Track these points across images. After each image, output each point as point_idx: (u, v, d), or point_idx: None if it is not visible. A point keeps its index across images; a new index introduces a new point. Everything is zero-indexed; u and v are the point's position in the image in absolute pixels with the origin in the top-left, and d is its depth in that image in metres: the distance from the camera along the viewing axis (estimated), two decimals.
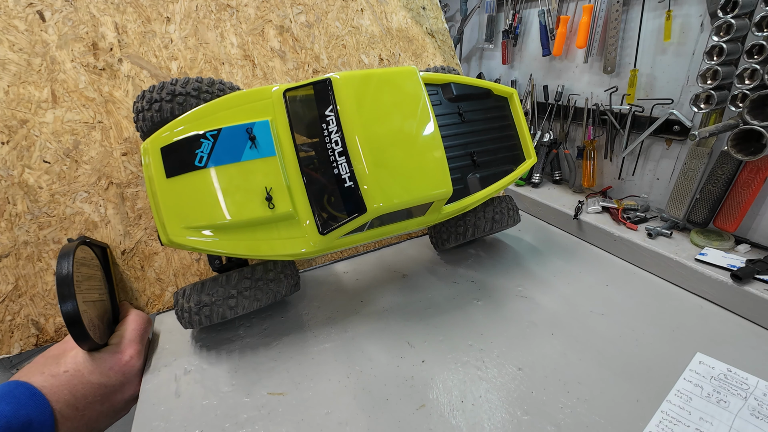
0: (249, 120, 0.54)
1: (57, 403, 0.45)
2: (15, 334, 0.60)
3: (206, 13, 0.74)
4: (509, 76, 1.24)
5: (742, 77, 0.67)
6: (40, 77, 0.63)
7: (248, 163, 0.53)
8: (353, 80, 0.52)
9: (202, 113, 0.54)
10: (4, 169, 0.61)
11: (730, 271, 0.65)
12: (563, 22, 0.98)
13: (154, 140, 0.53)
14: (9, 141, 0.61)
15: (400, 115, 0.54)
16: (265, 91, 0.55)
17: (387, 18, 0.92)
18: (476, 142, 0.70)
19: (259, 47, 0.78)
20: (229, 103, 0.55)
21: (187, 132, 0.53)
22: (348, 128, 0.51)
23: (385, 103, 0.53)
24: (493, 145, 0.71)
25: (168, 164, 0.52)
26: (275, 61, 0.79)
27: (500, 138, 0.72)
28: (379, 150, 0.51)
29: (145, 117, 0.56)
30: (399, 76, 0.55)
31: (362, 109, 0.51)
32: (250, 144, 0.53)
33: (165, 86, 0.56)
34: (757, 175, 0.69)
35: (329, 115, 0.52)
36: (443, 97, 0.68)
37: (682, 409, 0.47)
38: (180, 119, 0.54)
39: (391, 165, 0.52)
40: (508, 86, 0.74)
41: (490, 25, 1.25)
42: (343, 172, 0.51)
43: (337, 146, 0.51)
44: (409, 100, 0.55)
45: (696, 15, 0.75)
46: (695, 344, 0.57)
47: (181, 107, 0.56)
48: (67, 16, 0.65)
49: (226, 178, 0.52)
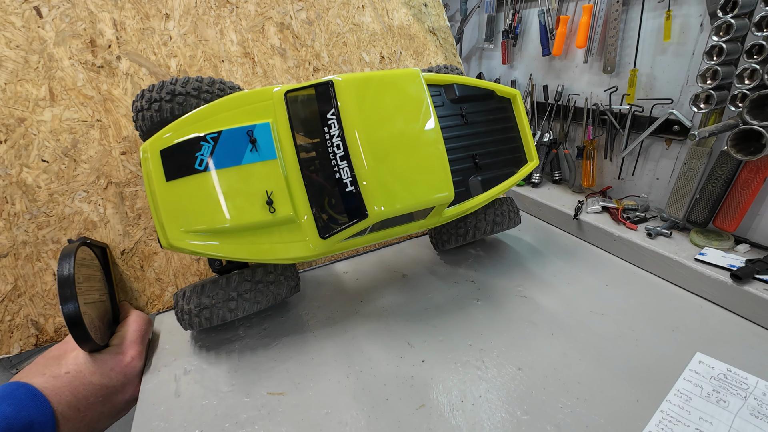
0: (250, 122, 0.53)
1: (58, 404, 0.45)
2: (15, 334, 0.60)
3: (206, 9, 0.73)
4: (509, 76, 1.24)
5: (742, 77, 0.67)
6: (38, 75, 0.62)
7: (249, 167, 0.52)
8: (355, 82, 0.51)
9: (201, 115, 0.53)
10: (2, 168, 0.60)
11: (729, 271, 0.65)
12: (563, 22, 0.98)
13: (153, 143, 0.52)
14: (7, 140, 0.61)
15: (403, 118, 0.53)
16: (266, 92, 0.54)
17: (388, 15, 0.91)
18: (478, 144, 0.69)
19: (259, 45, 0.77)
20: (229, 104, 0.54)
21: (186, 134, 0.52)
22: (349, 131, 0.50)
23: (388, 105, 0.53)
24: (495, 147, 0.71)
25: (168, 167, 0.51)
26: (275, 59, 0.78)
27: (502, 140, 0.72)
28: (381, 153, 0.51)
29: (144, 116, 0.56)
30: (402, 79, 0.54)
31: (364, 112, 0.51)
32: (250, 147, 0.52)
33: (165, 86, 0.56)
34: (757, 175, 0.70)
35: (331, 118, 0.51)
36: (446, 98, 0.67)
37: (682, 409, 0.47)
38: (179, 121, 0.53)
39: (393, 169, 0.52)
40: (510, 87, 0.74)
41: (490, 25, 1.25)
42: (345, 177, 0.51)
43: (339, 150, 0.51)
44: (412, 102, 0.54)
45: (696, 15, 0.75)
46: (695, 344, 0.57)
47: (181, 107, 0.55)
48: (64, 12, 0.64)
49: (227, 182, 0.52)
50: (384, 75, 0.54)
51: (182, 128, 0.53)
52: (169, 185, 0.51)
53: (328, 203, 0.53)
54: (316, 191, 0.54)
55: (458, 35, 1.39)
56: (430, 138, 0.55)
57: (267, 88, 0.55)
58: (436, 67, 0.76)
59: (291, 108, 0.54)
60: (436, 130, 0.55)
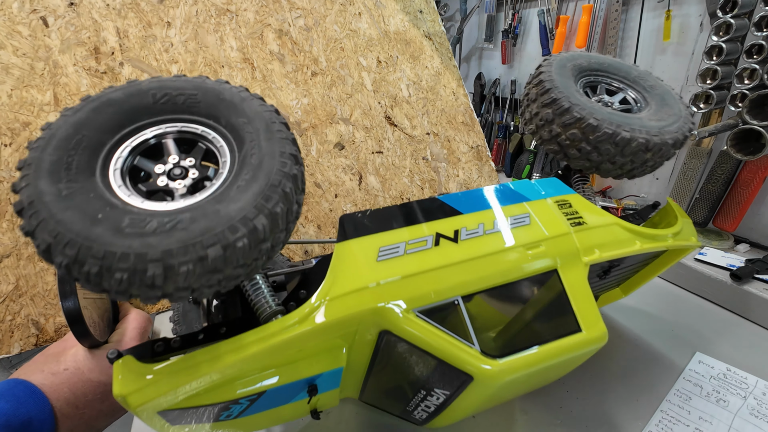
0: (311, 371, 0.35)
1: (57, 401, 0.44)
2: (15, 333, 0.60)
3: (206, 17, 0.75)
4: (509, 76, 1.24)
5: (742, 77, 0.67)
6: (43, 81, 0.63)
7: (296, 403, 0.38)
8: (510, 377, 0.33)
9: (230, 376, 0.32)
10: (6, 171, 0.60)
11: (729, 271, 0.65)
12: (563, 22, 0.98)
13: (141, 401, 0.29)
14: (12, 143, 0.61)
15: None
16: (353, 318, 0.33)
17: (384, 21, 0.93)
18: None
19: (258, 50, 0.78)
20: (283, 351, 0.33)
21: (200, 402, 0.32)
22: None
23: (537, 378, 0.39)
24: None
25: (174, 420, 0.34)
26: (274, 64, 0.79)
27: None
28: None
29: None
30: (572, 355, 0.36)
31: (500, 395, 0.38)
32: (307, 395, 0.37)
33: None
34: (757, 175, 0.70)
35: (443, 395, 0.36)
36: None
37: (682, 409, 0.47)
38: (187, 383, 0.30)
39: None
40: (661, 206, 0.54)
41: (490, 25, 1.25)
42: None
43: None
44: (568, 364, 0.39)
45: (695, 15, 0.76)
46: (695, 344, 0.57)
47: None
48: (69, 21, 0.65)
49: (260, 418, 0.38)
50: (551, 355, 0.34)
51: (193, 392, 0.31)
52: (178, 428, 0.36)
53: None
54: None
55: (458, 35, 1.39)
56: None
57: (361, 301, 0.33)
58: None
59: (383, 352, 0.36)
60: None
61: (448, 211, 0.39)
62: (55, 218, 0.24)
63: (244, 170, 0.29)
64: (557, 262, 0.37)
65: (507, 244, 0.37)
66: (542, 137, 0.48)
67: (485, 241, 0.37)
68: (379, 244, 0.35)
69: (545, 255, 0.36)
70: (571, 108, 0.44)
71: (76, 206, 0.25)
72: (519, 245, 0.37)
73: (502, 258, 0.36)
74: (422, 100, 0.93)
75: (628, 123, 0.43)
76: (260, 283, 0.36)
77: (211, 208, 0.27)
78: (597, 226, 0.40)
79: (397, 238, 0.36)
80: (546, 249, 0.37)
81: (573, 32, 0.98)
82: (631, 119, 0.44)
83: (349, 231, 0.36)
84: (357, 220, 0.37)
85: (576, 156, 0.46)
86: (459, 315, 0.34)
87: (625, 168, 0.45)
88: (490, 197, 0.40)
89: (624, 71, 0.52)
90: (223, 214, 0.26)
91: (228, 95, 0.33)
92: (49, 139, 0.28)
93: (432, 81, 0.96)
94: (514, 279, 0.36)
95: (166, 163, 0.32)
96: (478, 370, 0.32)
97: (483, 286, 0.35)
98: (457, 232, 0.37)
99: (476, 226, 0.38)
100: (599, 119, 0.43)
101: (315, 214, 0.76)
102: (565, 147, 0.46)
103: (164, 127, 0.32)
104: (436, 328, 0.32)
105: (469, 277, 0.35)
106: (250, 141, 0.31)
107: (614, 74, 0.52)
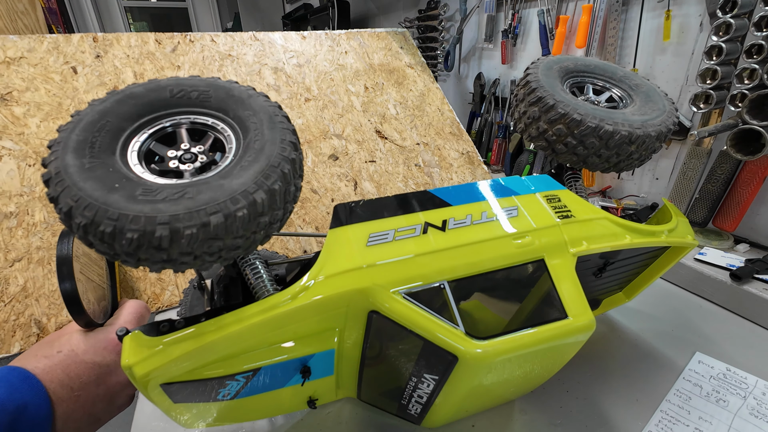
0: (304, 350, 0.37)
1: (51, 383, 0.43)
2: (17, 333, 0.60)
3: (211, 61, 0.91)
4: (509, 75, 1.24)
5: (741, 77, 0.67)
6: (68, 114, 0.72)
7: (291, 388, 0.39)
8: (495, 359, 0.34)
9: (229, 350, 0.34)
10: (28, 187, 0.68)
11: (729, 271, 0.65)
12: (562, 22, 0.98)
13: (148, 369, 0.32)
14: (35, 164, 0.70)
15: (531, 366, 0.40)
16: (342, 297, 0.34)
17: (369, 56, 1.06)
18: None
19: (256, 83, 0.91)
20: (274, 326, 0.34)
21: (200, 376, 0.34)
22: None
23: (522, 368, 0.39)
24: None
25: (175, 394, 0.35)
26: (270, 93, 0.90)
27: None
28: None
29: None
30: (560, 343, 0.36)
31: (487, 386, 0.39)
32: (300, 378, 0.38)
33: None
34: (756, 175, 0.70)
35: (432, 380, 0.37)
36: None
37: (682, 409, 0.47)
38: (185, 353, 0.32)
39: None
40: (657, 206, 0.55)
41: (490, 25, 1.25)
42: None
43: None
44: (558, 357, 0.40)
45: (695, 15, 0.76)
46: (694, 344, 0.57)
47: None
48: (94, 69, 0.81)
49: (257, 402, 0.39)
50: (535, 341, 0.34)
51: (191, 362, 0.33)
52: (176, 406, 0.37)
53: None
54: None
55: (458, 35, 1.39)
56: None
57: (344, 282, 0.34)
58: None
59: (373, 331, 0.37)
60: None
61: (438, 202, 0.40)
62: (77, 185, 0.28)
63: (248, 153, 0.32)
64: (544, 252, 0.37)
65: (494, 234, 0.37)
66: (531, 134, 0.49)
67: (472, 230, 0.38)
68: (370, 231, 0.37)
69: (531, 245, 0.37)
70: (555, 105, 0.45)
71: (97, 177, 0.29)
72: (506, 235, 0.37)
73: (489, 246, 0.37)
74: (410, 116, 1.01)
75: (611, 117, 0.44)
76: (260, 269, 0.39)
77: (215, 183, 0.30)
78: (585, 220, 0.40)
79: (387, 226, 0.37)
80: (533, 239, 0.37)
81: (573, 32, 0.98)
82: (615, 114, 0.45)
83: (342, 218, 0.38)
84: (350, 209, 0.38)
85: (563, 150, 0.47)
86: (444, 298, 0.34)
87: (612, 161, 0.46)
88: (480, 191, 0.42)
89: (609, 71, 0.54)
90: (227, 187, 0.29)
91: (237, 92, 0.37)
92: (77, 122, 0.32)
93: (417, 101, 1.05)
94: (501, 266, 0.36)
95: (178, 149, 0.35)
96: (462, 350, 0.32)
97: (469, 272, 0.36)
98: (445, 222, 0.38)
99: (464, 217, 0.38)
100: (582, 114, 0.44)
101: (312, 217, 0.80)
102: (553, 142, 0.47)
103: (179, 118, 0.36)
104: (421, 309, 0.34)
105: (455, 263, 0.35)
106: (254, 130, 0.34)
107: (600, 75, 0.54)
